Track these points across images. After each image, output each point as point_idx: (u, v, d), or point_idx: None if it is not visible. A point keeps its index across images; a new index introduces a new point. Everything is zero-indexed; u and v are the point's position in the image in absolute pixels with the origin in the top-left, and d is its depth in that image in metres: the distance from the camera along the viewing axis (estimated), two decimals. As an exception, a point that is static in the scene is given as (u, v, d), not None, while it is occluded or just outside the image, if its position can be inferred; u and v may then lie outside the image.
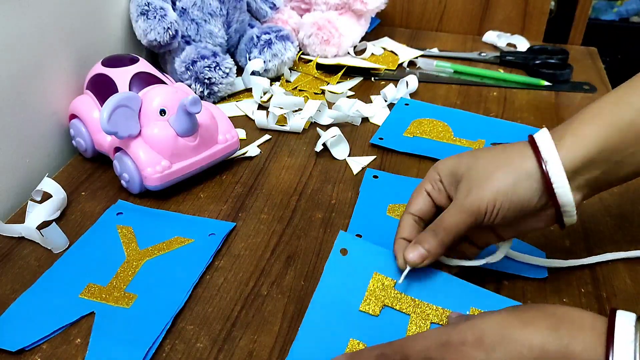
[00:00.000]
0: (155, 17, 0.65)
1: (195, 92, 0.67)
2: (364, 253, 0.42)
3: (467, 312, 0.40)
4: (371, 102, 0.72)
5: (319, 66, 0.79)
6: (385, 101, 0.72)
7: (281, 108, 0.66)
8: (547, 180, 0.37)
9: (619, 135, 0.37)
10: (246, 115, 0.69)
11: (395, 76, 0.78)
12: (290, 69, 0.78)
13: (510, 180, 0.38)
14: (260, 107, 0.70)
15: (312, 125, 0.67)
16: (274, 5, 0.81)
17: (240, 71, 0.75)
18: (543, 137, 0.38)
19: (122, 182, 0.55)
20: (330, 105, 0.70)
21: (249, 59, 0.75)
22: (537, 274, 0.45)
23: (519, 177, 0.38)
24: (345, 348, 0.38)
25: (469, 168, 0.39)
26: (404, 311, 0.40)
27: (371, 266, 0.42)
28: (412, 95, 0.73)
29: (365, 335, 0.38)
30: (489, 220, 0.39)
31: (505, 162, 0.39)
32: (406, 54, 0.84)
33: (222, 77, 0.68)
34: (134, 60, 0.59)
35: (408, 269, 0.40)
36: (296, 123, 0.65)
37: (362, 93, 0.74)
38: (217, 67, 0.68)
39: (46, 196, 0.52)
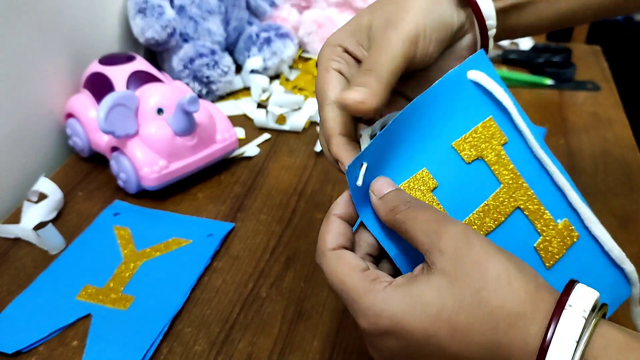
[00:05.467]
0: (153, 15, 0.65)
1: (193, 91, 0.67)
2: (490, 93, 0.33)
3: (559, 222, 0.34)
4: (372, 100, 0.71)
5: (319, 64, 0.79)
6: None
7: (280, 107, 0.66)
8: None
9: None
10: (245, 114, 0.68)
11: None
12: (289, 67, 0.77)
13: (427, 0, 0.33)
14: (260, 106, 0.69)
15: (312, 124, 0.67)
16: (274, 2, 0.80)
17: (239, 69, 0.75)
18: None
19: (119, 182, 0.54)
20: (330, 103, 0.69)
21: (248, 57, 0.74)
22: None
23: None
24: (411, 174, 0.31)
25: (374, 12, 0.33)
26: (498, 177, 0.32)
27: (490, 109, 0.33)
28: (413, 93, 0.73)
29: (442, 175, 0.32)
30: (424, 50, 0.32)
31: None
32: (407, 52, 0.83)
33: (221, 76, 0.68)
34: (131, 59, 0.58)
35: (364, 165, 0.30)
36: (296, 122, 0.65)
37: (363, 91, 0.74)
38: (216, 66, 0.67)
39: (42, 196, 0.52)
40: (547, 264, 0.34)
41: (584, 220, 0.35)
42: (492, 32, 0.36)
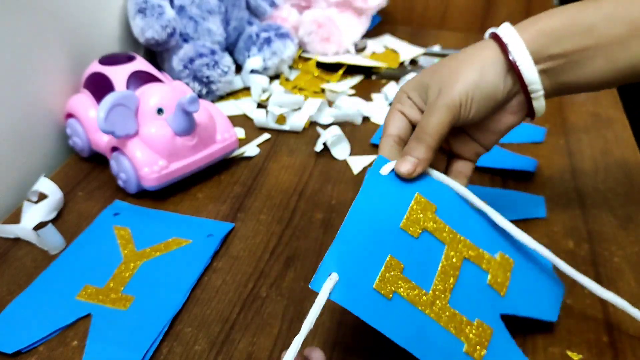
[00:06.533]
0: (152, 15, 0.65)
1: (193, 91, 0.67)
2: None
3: (496, 256, 0.40)
4: (372, 100, 0.72)
5: (319, 64, 0.79)
6: (387, 100, 0.71)
7: (280, 107, 0.66)
8: (510, 61, 0.39)
9: (579, 34, 0.38)
10: (245, 114, 0.68)
11: (396, 74, 0.78)
12: (289, 67, 0.77)
13: (477, 71, 0.39)
14: (260, 106, 0.69)
15: (312, 124, 0.67)
16: (274, 2, 0.80)
17: (239, 69, 0.75)
18: (505, 27, 0.40)
19: (119, 182, 0.54)
20: (330, 104, 0.70)
21: (248, 57, 0.74)
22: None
23: (484, 66, 0.39)
24: (382, 264, 0.35)
25: (433, 74, 0.41)
26: (441, 239, 0.38)
27: (413, 187, 0.39)
28: (413, 93, 0.73)
29: (404, 255, 0.36)
30: (465, 114, 0.39)
31: (468, 58, 0.40)
32: (408, 52, 0.83)
33: (221, 76, 0.68)
34: (131, 59, 0.58)
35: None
36: (296, 122, 0.65)
37: (363, 92, 0.74)
38: (216, 65, 0.67)
39: (42, 196, 0.52)
40: (501, 293, 0.39)
41: (513, 237, 0.41)
42: (536, 95, 0.40)
